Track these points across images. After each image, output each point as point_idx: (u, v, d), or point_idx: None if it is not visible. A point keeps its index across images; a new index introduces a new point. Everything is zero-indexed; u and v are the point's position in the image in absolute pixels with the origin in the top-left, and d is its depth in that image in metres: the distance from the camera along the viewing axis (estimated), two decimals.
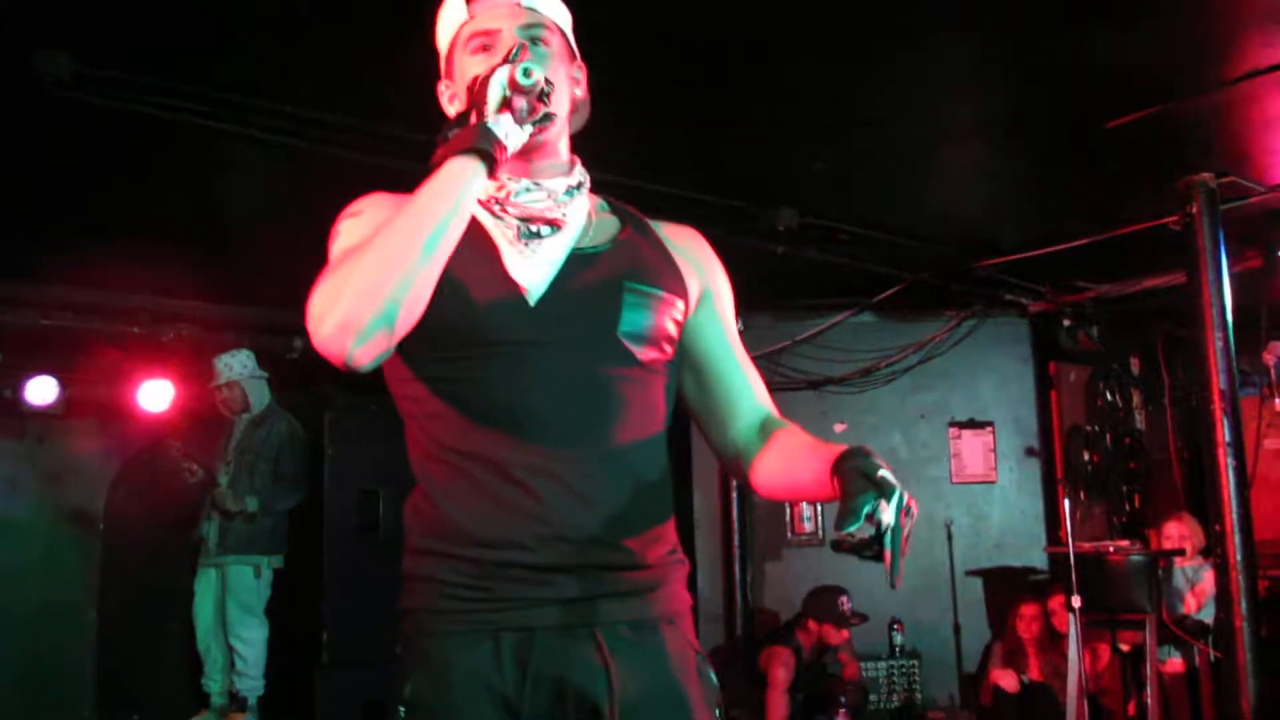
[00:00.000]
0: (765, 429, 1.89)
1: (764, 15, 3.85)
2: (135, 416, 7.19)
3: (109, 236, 5.47)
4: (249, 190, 5.23)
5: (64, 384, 6.87)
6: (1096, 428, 7.69)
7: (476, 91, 1.66)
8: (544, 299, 1.72)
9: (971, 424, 7.75)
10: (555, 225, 1.78)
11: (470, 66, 1.78)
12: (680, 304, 1.83)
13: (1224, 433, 5.33)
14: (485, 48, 1.78)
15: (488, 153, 1.63)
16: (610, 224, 1.87)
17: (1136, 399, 8.05)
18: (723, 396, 1.92)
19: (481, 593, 1.67)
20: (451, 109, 1.87)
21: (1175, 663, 6.13)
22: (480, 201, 1.78)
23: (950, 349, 7.69)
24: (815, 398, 7.64)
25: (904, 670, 7.21)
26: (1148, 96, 4.57)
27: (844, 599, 6.65)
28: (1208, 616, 5.96)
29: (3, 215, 5.31)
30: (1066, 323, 7.54)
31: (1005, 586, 7.39)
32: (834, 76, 4.38)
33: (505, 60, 1.67)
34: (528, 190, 1.78)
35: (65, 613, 7.51)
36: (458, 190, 1.62)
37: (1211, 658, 5.81)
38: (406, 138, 4.33)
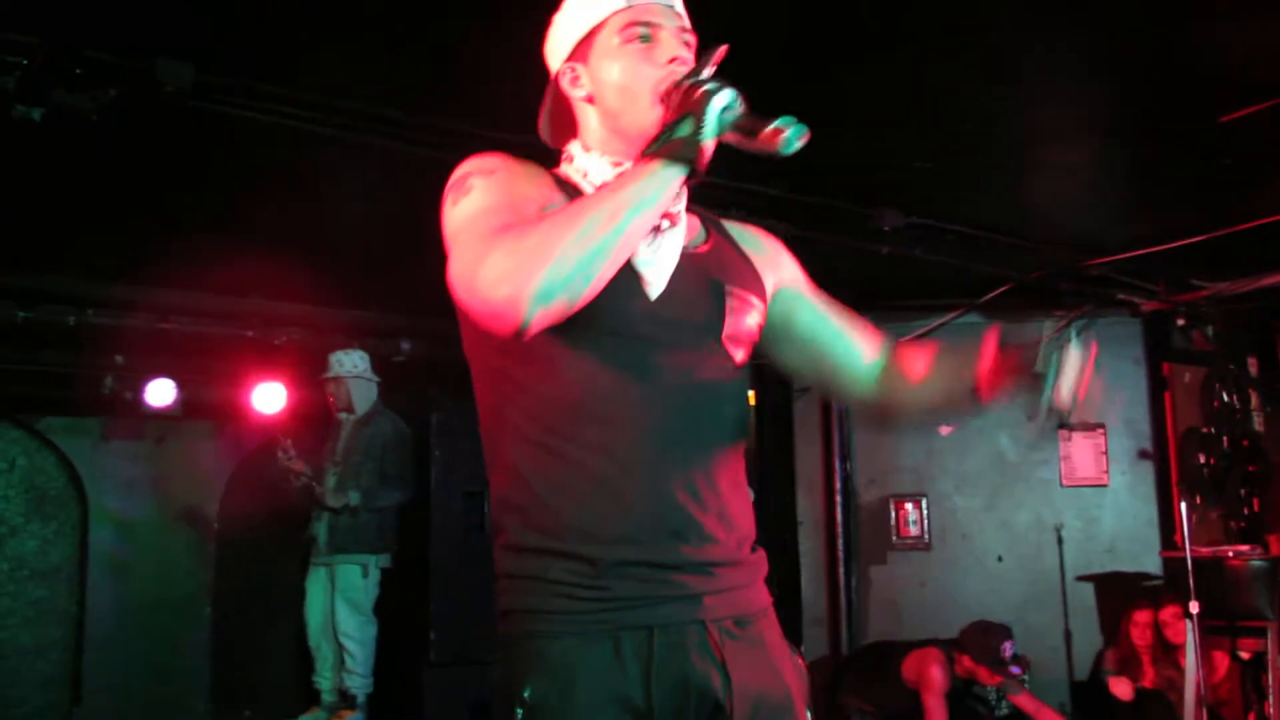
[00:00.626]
0: (892, 355, 2.00)
1: (868, 9, 3.81)
2: (249, 418, 7.36)
3: (223, 242, 5.60)
4: (356, 196, 5.31)
5: (181, 386, 7.03)
6: (1213, 430, 7.45)
7: (696, 103, 1.66)
8: (662, 295, 1.74)
9: (1082, 426, 7.57)
10: (672, 221, 1.79)
11: (620, 55, 1.79)
12: (762, 306, 1.88)
13: None
14: (645, 39, 1.79)
15: (694, 164, 1.65)
16: (696, 224, 1.90)
17: (1254, 400, 7.78)
18: (844, 357, 2.00)
19: (599, 592, 1.67)
20: (577, 92, 1.86)
21: None
22: None
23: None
24: None
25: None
26: (1263, 89, 4.43)
27: (1008, 645, 6.30)
28: None
29: (124, 222, 5.48)
30: (1180, 322, 7.31)
31: (1118, 592, 7.19)
32: (939, 73, 4.32)
33: (699, 75, 1.68)
34: None
35: (181, 610, 7.74)
36: (660, 188, 1.63)
37: None
38: (512, 141, 4.36)
